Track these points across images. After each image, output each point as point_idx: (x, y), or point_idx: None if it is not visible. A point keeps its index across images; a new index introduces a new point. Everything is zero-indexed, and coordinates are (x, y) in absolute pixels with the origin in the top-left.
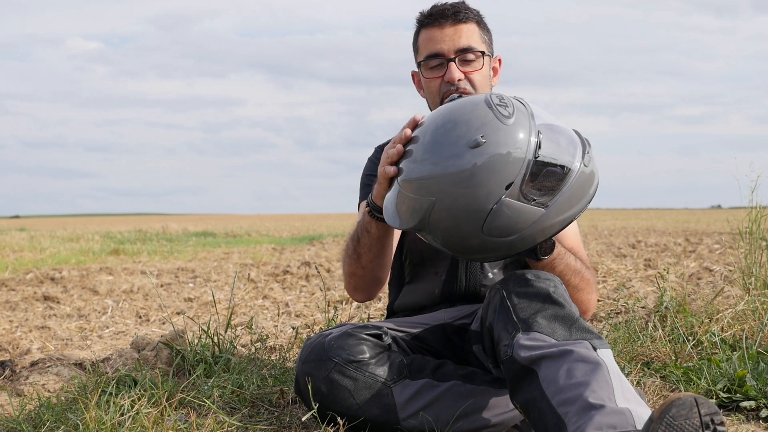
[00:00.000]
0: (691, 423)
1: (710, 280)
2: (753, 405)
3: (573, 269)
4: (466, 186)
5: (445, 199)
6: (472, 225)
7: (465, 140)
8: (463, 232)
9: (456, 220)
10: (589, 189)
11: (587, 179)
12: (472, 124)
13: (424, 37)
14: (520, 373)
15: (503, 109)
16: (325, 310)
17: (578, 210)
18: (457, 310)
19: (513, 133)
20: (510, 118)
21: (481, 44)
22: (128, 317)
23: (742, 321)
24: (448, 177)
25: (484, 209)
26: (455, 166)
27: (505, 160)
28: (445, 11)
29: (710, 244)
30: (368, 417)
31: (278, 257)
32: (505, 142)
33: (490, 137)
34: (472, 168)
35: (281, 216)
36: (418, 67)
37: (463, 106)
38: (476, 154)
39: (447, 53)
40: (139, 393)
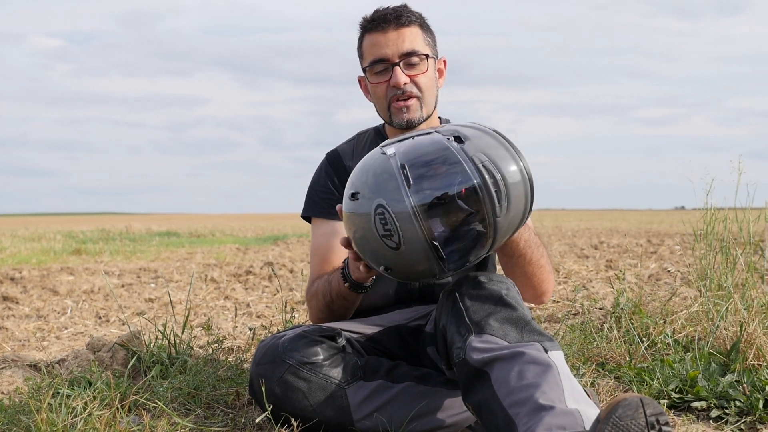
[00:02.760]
0: (636, 423)
1: (668, 282)
2: (704, 405)
3: (536, 243)
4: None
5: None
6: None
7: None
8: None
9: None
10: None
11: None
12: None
13: (368, 43)
14: (472, 375)
15: (388, 240)
16: (283, 311)
17: (524, 219)
18: (412, 312)
19: (410, 260)
20: (398, 249)
21: (425, 47)
22: (88, 318)
23: (696, 322)
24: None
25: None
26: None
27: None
28: (387, 16)
29: (671, 246)
30: (322, 418)
31: (242, 257)
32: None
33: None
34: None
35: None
36: (364, 72)
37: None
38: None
39: (391, 57)
40: (93, 395)
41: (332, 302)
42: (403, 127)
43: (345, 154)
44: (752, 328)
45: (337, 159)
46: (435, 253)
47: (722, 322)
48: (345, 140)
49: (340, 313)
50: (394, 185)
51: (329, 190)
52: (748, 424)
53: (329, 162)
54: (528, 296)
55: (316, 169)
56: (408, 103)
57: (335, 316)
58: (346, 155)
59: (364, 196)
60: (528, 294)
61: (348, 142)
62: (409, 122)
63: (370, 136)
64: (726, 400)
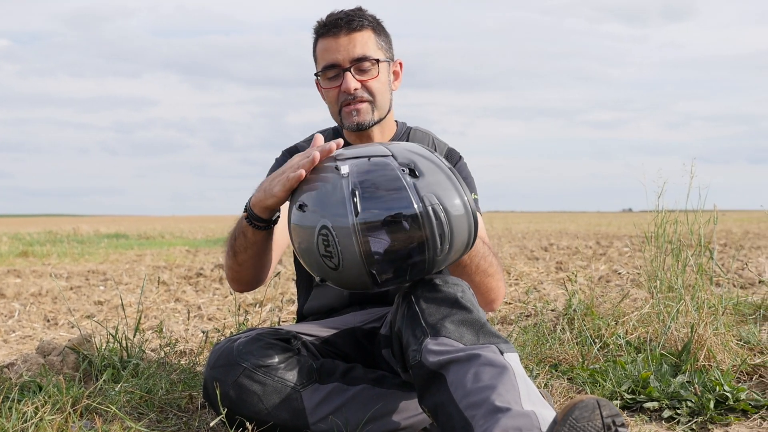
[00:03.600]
0: (593, 425)
1: (618, 284)
2: (656, 406)
3: (483, 253)
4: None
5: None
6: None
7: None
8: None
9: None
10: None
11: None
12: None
13: (320, 48)
14: (428, 378)
15: (328, 261)
16: (236, 313)
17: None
18: (367, 314)
19: (347, 275)
20: (336, 268)
21: (377, 51)
22: (36, 321)
23: (647, 323)
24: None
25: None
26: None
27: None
28: (339, 21)
29: (620, 248)
30: (277, 422)
31: (192, 259)
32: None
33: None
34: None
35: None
36: (317, 77)
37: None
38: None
39: (342, 63)
40: (44, 399)
41: (234, 240)
42: (354, 129)
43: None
44: (702, 329)
45: (296, 153)
46: (371, 278)
47: (673, 324)
48: (303, 138)
49: (243, 259)
50: (341, 206)
51: None
52: (700, 424)
53: (289, 155)
54: None
55: (273, 163)
56: (358, 106)
57: (240, 265)
58: None
59: (310, 210)
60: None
61: (307, 140)
62: (359, 125)
63: (328, 135)
64: (678, 401)
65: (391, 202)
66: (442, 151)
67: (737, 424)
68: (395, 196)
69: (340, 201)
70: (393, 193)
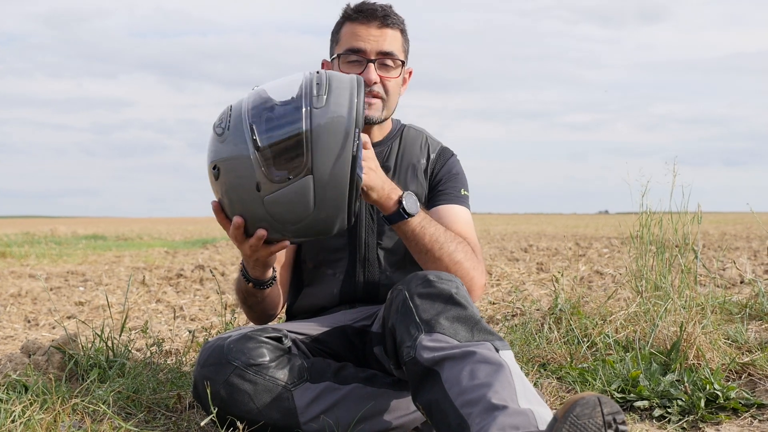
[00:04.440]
0: (594, 422)
1: (602, 283)
2: (646, 405)
3: (446, 238)
4: (230, 203)
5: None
6: (274, 224)
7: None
8: (278, 230)
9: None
10: (340, 128)
11: (331, 124)
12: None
13: (348, 31)
14: (422, 375)
15: (217, 128)
16: (221, 314)
17: (345, 154)
18: (357, 312)
19: (226, 149)
20: (221, 137)
21: (402, 53)
22: (16, 322)
23: (635, 322)
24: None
25: (259, 214)
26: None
27: (236, 172)
28: (376, 11)
29: (599, 249)
30: (268, 421)
31: (171, 260)
32: (227, 159)
33: (221, 167)
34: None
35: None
36: (335, 58)
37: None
38: (216, 183)
39: (369, 53)
40: (31, 399)
41: (246, 299)
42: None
43: None
44: (691, 327)
45: None
46: (251, 134)
47: (661, 322)
48: None
49: (260, 310)
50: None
51: None
52: (690, 423)
53: None
54: None
55: None
56: (371, 100)
57: (258, 313)
58: None
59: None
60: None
61: None
62: (368, 119)
63: None
64: (668, 400)
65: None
66: (435, 149)
67: (728, 422)
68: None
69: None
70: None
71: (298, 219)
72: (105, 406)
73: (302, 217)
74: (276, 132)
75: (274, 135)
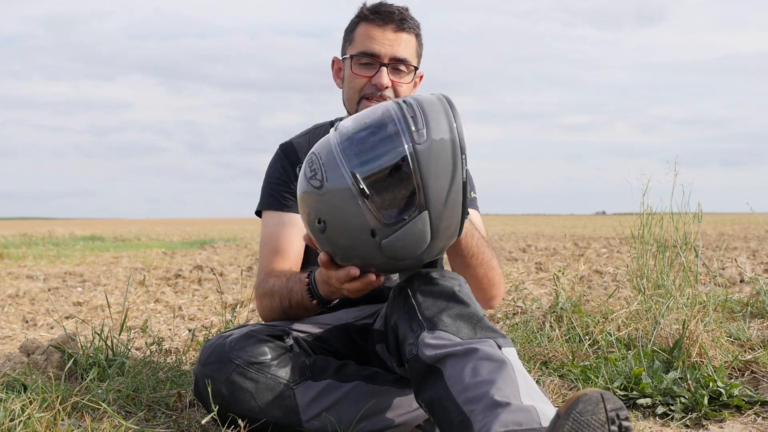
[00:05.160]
0: (597, 418)
1: (602, 282)
2: (649, 402)
3: (486, 244)
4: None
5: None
6: (386, 265)
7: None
8: (388, 269)
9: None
10: (447, 155)
11: (436, 151)
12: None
13: (363, 32)
14: (425, 372)
15: (313, 181)
16: (221, 313)
17: (456, 180)
18: (359, 310)
19: (330, 201)
20: (320, 190)
21: (415, 58)
22: (14, 322)
23: (637, 320)
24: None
25: (374, 259)
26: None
27: (346, 224)
28: (393, 14)
29: (598, 249)
30: (270, 419)
31: (169, 261)
32: (332, 212)
33: (327, 220)
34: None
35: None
36: (346, 59)
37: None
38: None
39: (382, 57)
40: (30, 397)
41: (290, 308)
42: None
43: (300, 147)
44: (694, 325)
45: (292, 151)
46: (354, 183)
47: (663, 320)
48: (299, 133)
49: (295, 317)
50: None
51: (284, 181)
52: (694, 420)
53: (284, 153)
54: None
55: (270, 162)
56: None
57: (290, 318)
58: (301, 148)
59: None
60: (477, 297)
61: (303, 135)
62: None
63: (326, 130)
64: (671, 397)
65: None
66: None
67: (731, 420)
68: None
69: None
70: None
71: (414, 254)
72: (105, 404)
73: (417, 252)
74: (382, 175)
75: (380, 179)
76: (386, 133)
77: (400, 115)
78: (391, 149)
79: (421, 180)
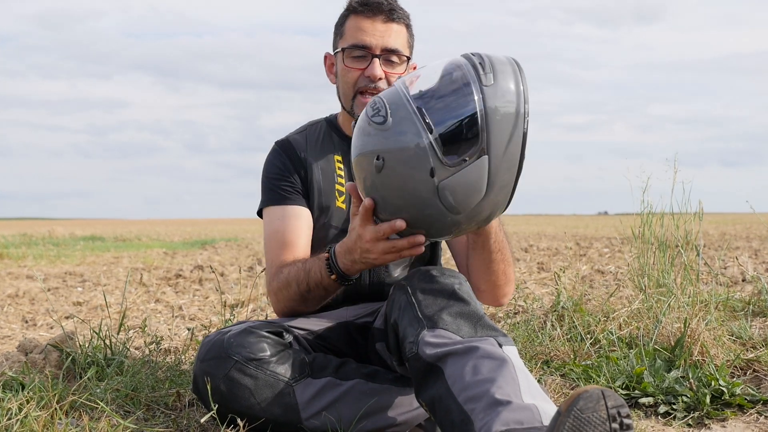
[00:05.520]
0: (598, 416)
1: (603, 281)
2: (651, 401)
3: (508, 251)
4: (395, 196)
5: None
6: (438, 215)
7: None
8: (438, 221)
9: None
10: (511, 103)
11: (504, 103)
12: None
13: (353, 25)
14: (425, 371)
15: (375, 117)
16: (221, 312)
17: (518, 130)
18: (360, 308)
19: (393, 137)
20: (383, 125)
21: (406, 48)
22: (14, 322)
23: (638, 319)
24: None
25: (428, 204)
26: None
27: (408, 162)
28: (382, 5)
29: (600, 248)
30: (269, 417)
31: (170, 261)
32: (395, 149)
33: (387, 157)
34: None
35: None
36: (338, 53)
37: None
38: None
39: (374, 48)
40: (28, 396)
41: (309, 292)
42: None
43: (298, 145)
44: (696, 323)
45: (290, 147)
46: (421, 119)
47: (665, 319)
48: (294, 130)
49: (314, 304)
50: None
51: (283, 176)
52: (696, 420)
53: (282, 149)
54: (490, 296)
55: (267, 158)
56: None
57: (308, 306)
58: (299, 145)
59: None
60: (491, 293)
61: (299, 132)
62: None
63: (322, 127)
64: (673, 396)
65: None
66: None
67: (734, 419)
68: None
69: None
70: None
71: (467, 206)
72: (103, 403)
73: (472, 203)
74: (449, 114)
75: (447, 117)
76: (454, 77)
77: (468, 63)
78: (461, 92)
79: (486, 125)
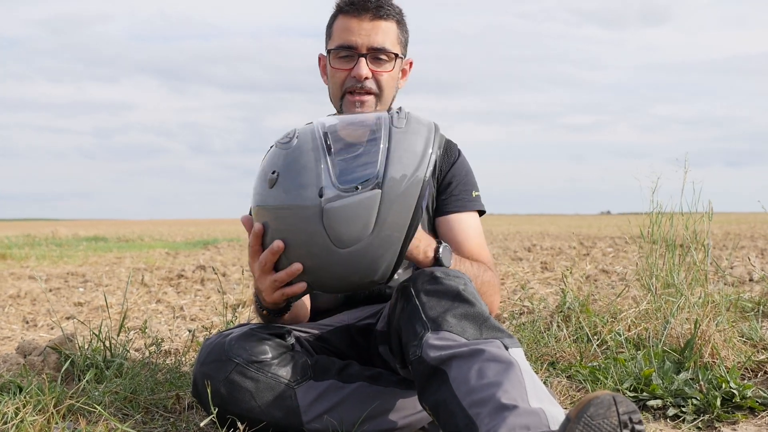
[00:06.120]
0: (609, 422)
1: (609, 281)
2: (660, 404)
3: (472, 276)
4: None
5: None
6: (320, 245)
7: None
8: (320, 257)
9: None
10: (418, 149)
11: (410, 144)
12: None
13: (340, 25)
14: (429, 374)
15: (283, 138)
16: (222, 313)
17: (418, 175)
18: (361, 311)
19: (292, 156)
20: (287, 145)
21: (397, 45)
22: (14, 322)
23: (646, 320)
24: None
25: (311, 231)
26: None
27: (299, 178)
28: (368, 3)
29: (603, 248)
30: (271, 420)
31: (172, 261)
32: (290, 166)
33: (282, 171)
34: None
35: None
36: (327, 54)
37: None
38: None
39: (359, 48)
40: (24, 400)
41: (267, 319)
42: None
43: None
44: (705, 324)
45: None
46: (323, 141)
47: (674, 320)
48: None
49: (289, 322)
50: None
51: None
52: (706, 423)
53: None
54: None
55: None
56: (364, 98)
57: (287, 322)
58: None
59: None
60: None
61: None
62: None
63: None
64: (682, 398)
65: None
66: (441, 144)
67: (745, 422)
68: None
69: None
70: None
71: (351, 239)
72: (101, 407)
73: (357, 238)
74: (351, 142)
75: (348, 144)
76: (368, 117)
77: (385, 113)
78: (369, 124)
79: (387, 158)
